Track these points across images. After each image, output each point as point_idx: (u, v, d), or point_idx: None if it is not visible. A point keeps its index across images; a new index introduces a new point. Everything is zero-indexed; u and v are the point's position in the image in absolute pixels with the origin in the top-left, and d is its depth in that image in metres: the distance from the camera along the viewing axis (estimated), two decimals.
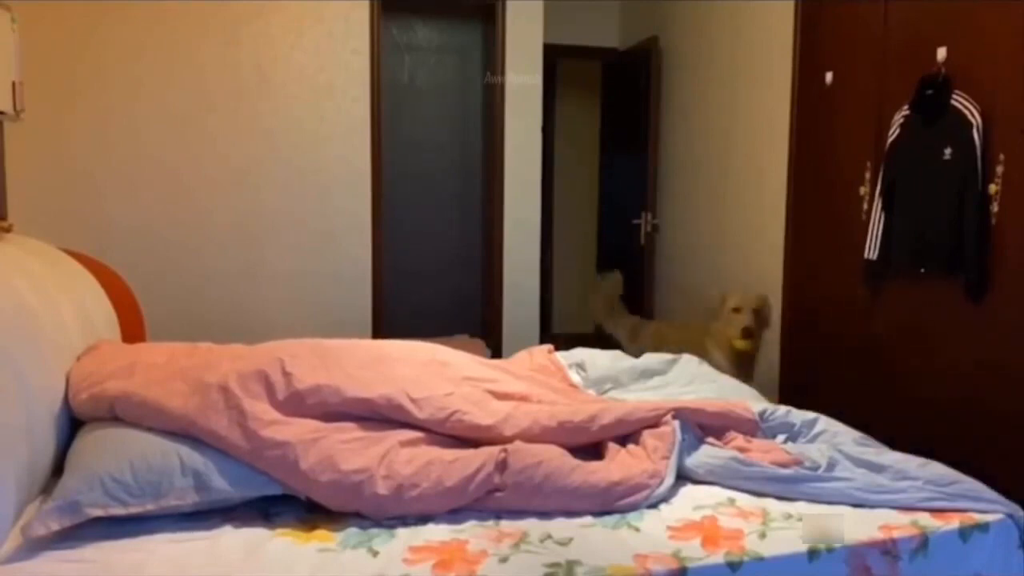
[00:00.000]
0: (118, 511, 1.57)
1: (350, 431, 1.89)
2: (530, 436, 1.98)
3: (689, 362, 2.83)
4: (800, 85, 3.60)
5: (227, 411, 1.81)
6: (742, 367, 3.82)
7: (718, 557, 1.57)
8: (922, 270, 2.82)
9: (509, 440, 1.95)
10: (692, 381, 2.67)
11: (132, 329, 2.99)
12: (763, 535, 1.66)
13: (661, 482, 1.85)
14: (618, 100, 5.61)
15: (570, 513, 1.75)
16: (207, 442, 1.77)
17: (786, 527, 1.71)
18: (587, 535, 1.66)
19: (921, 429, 2.84)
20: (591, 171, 6.39)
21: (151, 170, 3.80)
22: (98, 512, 1.55)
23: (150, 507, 1.60)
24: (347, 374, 2.03)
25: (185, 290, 3.89)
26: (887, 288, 3.04)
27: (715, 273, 4.42)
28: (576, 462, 1.86)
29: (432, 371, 2.22)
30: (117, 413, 1.83)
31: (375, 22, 4.09)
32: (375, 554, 1.56)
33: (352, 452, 1.79)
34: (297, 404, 1.92)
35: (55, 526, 1.50)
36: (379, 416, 1.98)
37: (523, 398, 2.21)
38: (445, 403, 2.02)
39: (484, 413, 2.03)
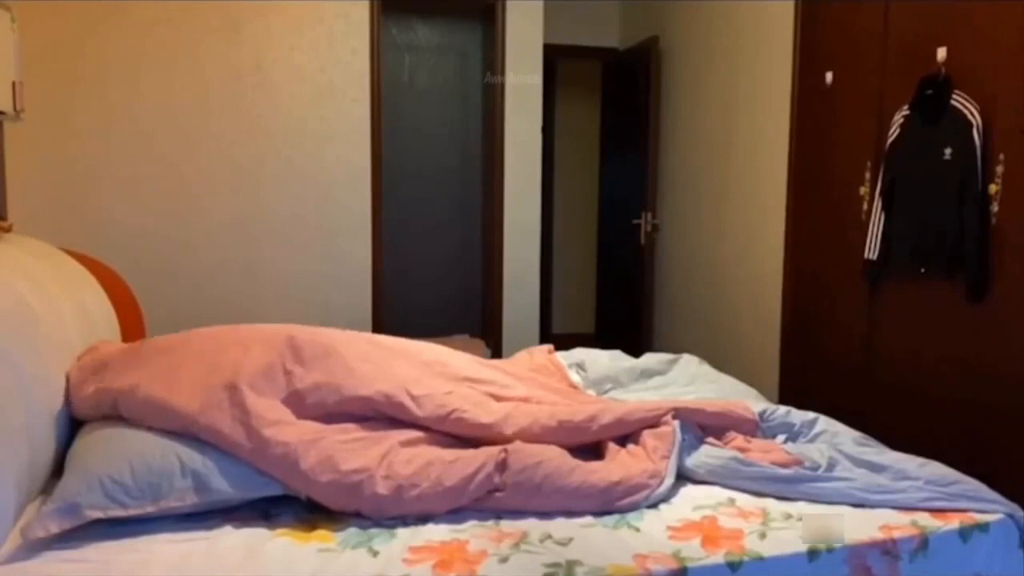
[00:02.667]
0: (118, 513, 1.57)
1: (351, 432, 1.90)
2: (530, 435, 1.98)
3: (689, 362, 2.83)
4: (800, 85, 3.60)
5: (231, 409, 1.81)
6: None
7: (718, 557, 1.57)
8: (922, 270, 2.82)
9: (509, 439, 1.96)
10: (692, 381, 2.67)
11: (132, 329, 2.99)
12: (763, 535, 1.66)
13: (661, 482, 1.85)
14: (618, 100, 5.61)
15: (570, 513, 1.75)
16: (209, 440, 1.77)
17: (786, 527, 1.71)
18: (587, 535, 1.66)
19: (921, 429, 2.84)
20: (591, 171, 6.39)
21: (151, 170, 3.80)
22: (98, 514, 1.55)
23: (150, 509, 1.60)
24: (348, 367, 2.03)
25: (185, 290, 3.89)
26: (887, 288, 3.04)
27: (715, 273, 4.42)
28: (576, 462, 1.86)
29: (432, 371, 2.22)
30: (120, 409, 1.83)
31: (375, 22, 4.09)
32: (375, 554, 1.56)
33: (352, 452, 1.79)
34: (297, 403, 1.93)
35: (55, 528, 1.50)
36: (379, 414, 1.99)
37: (523, 400, 2.21)
38: (445, 401, 2.02)
39: (484, 412, 2.03)
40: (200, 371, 1.92)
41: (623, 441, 2.08)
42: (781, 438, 2.21)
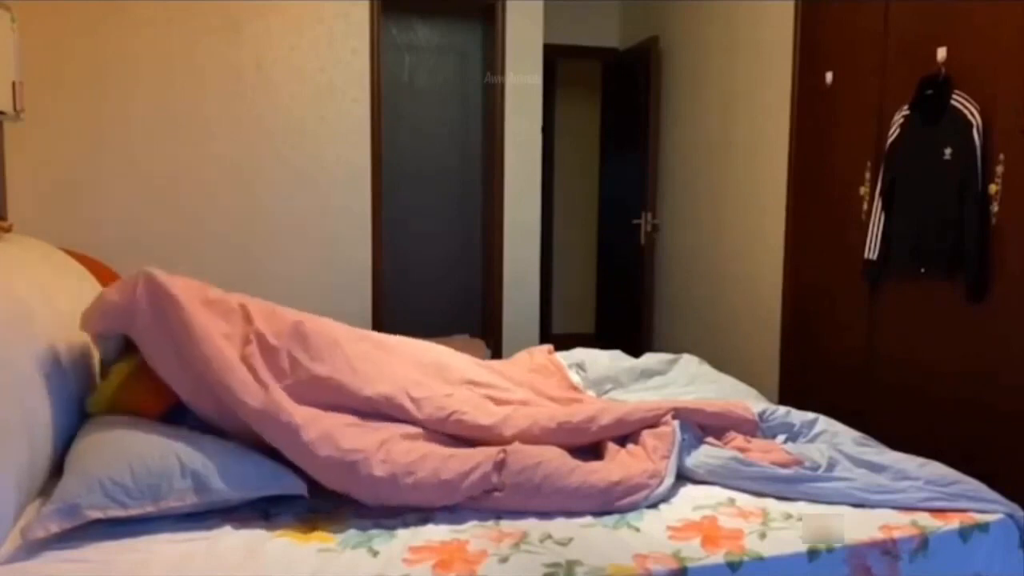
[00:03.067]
0: (118, 513, 1.57)
1: (351, 420, 1.93)
2: (529, 436, 1.98)
3: (689, 362, 2.83)
4: (800, 85, 3.60)
5: (246, 371, 1.86)
6: None
7: (718, 557, 1.57)
8: (922, 270, 2.82)
9: (508, 441, 1.96)
10: (692, 381, 2.67)
11: None
12: (763, 535, 1.67)
13: (661, 482, 1.85)
14: (618, 100, 5.61)
15: (570, 513, 1.75)
16: (215, 394, 1.79)
17: (786, 527, 1.71)
18: (587, 535, 1.66)
19: (921, 429, 2.84)
20: (591, 171, 6.39)
21: (151, 170, 3.80)
22: (98, 515, 1.55)
23: (150, 509, 1.60)
24: (351, 366, 2.04)
25: None
26: (887, 288, 3.04)
27: (715, 273, 4.42)
28: (575, 462, 1.86)
29: (432, 373, 2.22)
30: (163, 299, 1.88)
31: (375, 22, 4.09)
32: (375, 554, 1.56)
33: (353, 435, 1.82)
34: (297, 395, 1.94)
35: (55, 528, 1.50)
36: (379, 414, 1.99)
37: (523, 404, 2.21)
38: (444, 403, 2.03)
39: (483, 414, 2.03)
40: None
41: (623, 441, 2.08)
42: (781, 438, 2.21)
